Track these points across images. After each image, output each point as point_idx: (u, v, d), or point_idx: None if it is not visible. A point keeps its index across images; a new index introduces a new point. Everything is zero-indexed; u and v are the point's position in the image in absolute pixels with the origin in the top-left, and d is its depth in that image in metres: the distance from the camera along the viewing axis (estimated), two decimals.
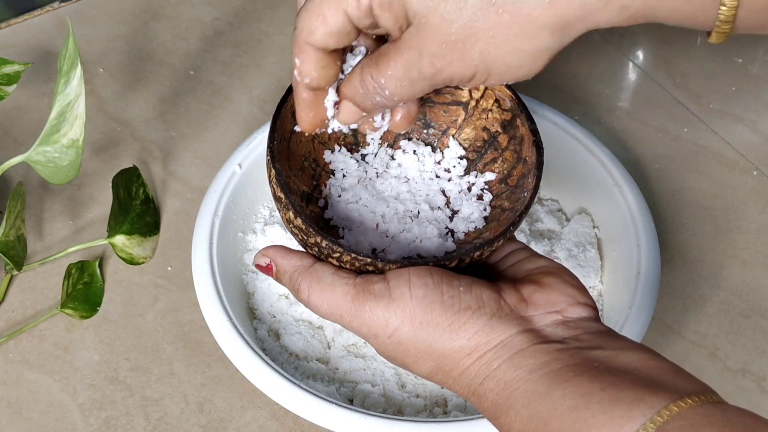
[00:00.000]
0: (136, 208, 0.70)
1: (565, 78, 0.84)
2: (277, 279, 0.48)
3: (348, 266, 0.46)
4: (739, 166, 0.78)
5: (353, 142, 0.54)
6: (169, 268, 0.69)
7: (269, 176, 0.48)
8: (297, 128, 0.50)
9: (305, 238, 0.47)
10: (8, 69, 0.70)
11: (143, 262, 0.69)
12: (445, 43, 0.42)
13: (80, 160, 0.58)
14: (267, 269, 0.48)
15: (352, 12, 0.44)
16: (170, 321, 0.67)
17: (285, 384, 0.56)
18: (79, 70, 0.56)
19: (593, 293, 0.67)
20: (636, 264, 0.63)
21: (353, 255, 0.45)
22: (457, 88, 0.52)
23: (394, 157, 0.54)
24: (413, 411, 0.60)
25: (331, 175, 0.53)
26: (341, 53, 0.47)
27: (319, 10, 0.44)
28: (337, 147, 0.53)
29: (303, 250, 0.48)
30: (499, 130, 0.52)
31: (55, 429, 0.61)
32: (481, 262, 0.48)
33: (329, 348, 0.63)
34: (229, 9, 0.88)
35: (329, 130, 0.50)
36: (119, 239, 0.68)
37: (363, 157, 0.54)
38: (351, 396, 0.61)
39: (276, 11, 0.88)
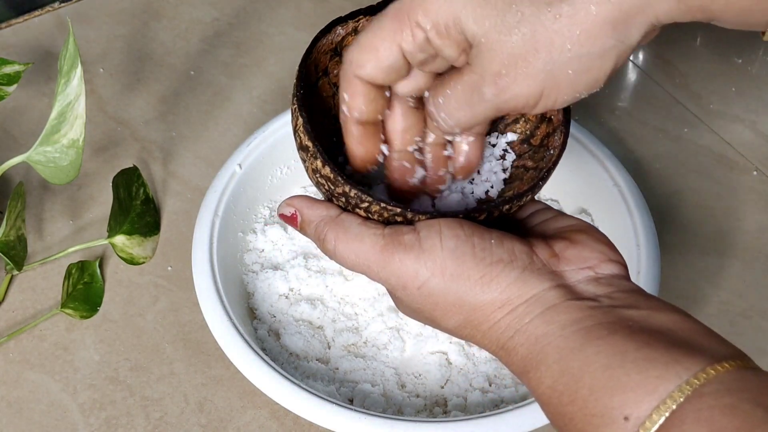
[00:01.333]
0: (136, 208, 0.70)
1: None
2: (302, 230, 0.47)
3: (376, 217, 0.45)
4: (739, 166, 0.78)
5: None
6: (169, 268, 0.69)
7: (295, 126, 0.46)
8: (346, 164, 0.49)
9: (332, 187, 0.45)
10: (8, 69, 0.70)
11: (143, 262, 0.69)
12: (507, 59, 0.42)
13: (80, 160, 0.58)
14: (291, 219, 0.47)
15: (407, 46, 0.44)
16: (170, 321, 0.67)
17: (285, 384, 0.56)
18: (79, 70, 0.56)
19: None
20: (636, 264, 0.63)
21: (382, 205, 0.44)
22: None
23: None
24: (413, 411, 0.60)
25: None
26: (388, 87, 0.47)
27: (372, 43, 0.44)
28: None
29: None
30: None
31: (55, 429, 0.61)
32: (509, 218, 0.47)
33: (329, 348, 0.63)
34: (229, 9, 0.88)
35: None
36: (119, 239, 0.68)
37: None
38: (351, 396, 0.61)
39: (276, 11, 0.89)
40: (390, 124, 0.49)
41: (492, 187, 0.51)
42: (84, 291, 0.67)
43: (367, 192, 0.44)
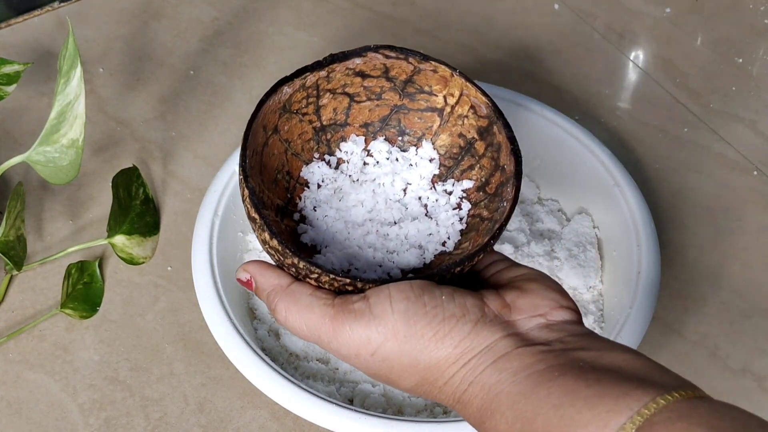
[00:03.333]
0: (136, 208, 0.70)
1: (565, 78, 0.84)
2: (257, 296, 0.48)
3: (327, 286, 0.45)
4: (739, 166, 0.78)
5: (327, 151, 0.53)
6: (169, 268, 0.69)
7: (242, 196, 0.47)
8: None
9: (282, 258, 0.46)
10: (8, 69, 0.69)
11: (143, 262, 0.69)
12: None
13: (80, 160, 0.58)
14: (247, 284, 0.48)
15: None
16: (170, 321, 0.67)
17: (285, 384, 0.56)
18: (79, 70, 0.56)
19: (593, 293, 0.67)
20: (636, 264, 0.63)
21: (332, 276, 0.44)
22: (431, 93, 0.52)
23: (367, 162, 0.52)
24: (413, 411, 0.60)
25: (306, 188, 0.52)
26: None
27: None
28: (314, 157, 0.52)
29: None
30: (476, 136, 0.51)
31: (55, 429, 0.61)
32: (462, 275, 0.47)
33: None
34: (229, 9, 0.88)
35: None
36: (119, 239, 0.68)
37: (337, 163, 0.52)
38: (351, 396, 0.61)
39: (276, 11, 0.88)
40: None
41: (449, 237, 0.50)
42: (84, 291, 0.67)
43: (315, 263, 0.45)
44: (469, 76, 0.52)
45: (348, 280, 0.44)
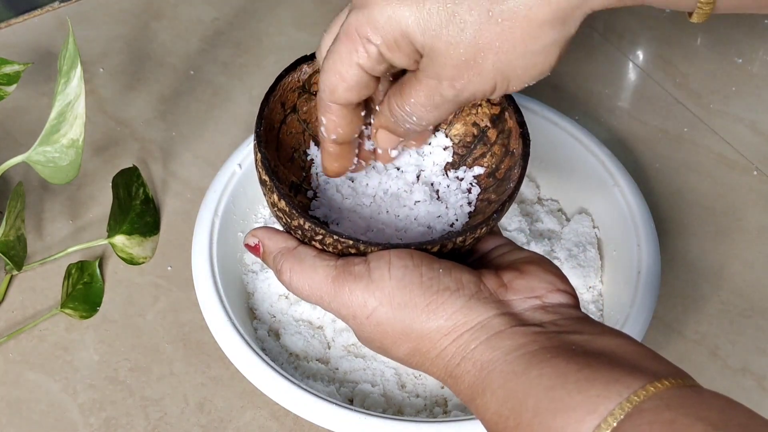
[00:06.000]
0: (136, 208, 0.70)
1: (565, 78, 0.84)
2: (264, 259, 0.49)
3: (331, 249, 0.46)
4: (739, 166, 0.78)
5: None
6: (169, 268, 0.69)
7: (255, 160, 0.48)
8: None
9: (289, 221, 0.47)
10: (8, 69, 0.70)
11: (143, 262, 0.69)
12: (459, 65, 0.44)
13: (80, 160, 0.58)
14: (255, 249, 0.49)
15: (364, 63, 0.45)
16: (170, 321, 0.67)
17: (285, 384, 0.56)
18: (79, 70, 0.56)
19: (593, 293, 0.67)
20: (636, 264, 0.63)
21: (335, 237, 0.45)
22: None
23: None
24: (413, 411, 0.60)
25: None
26: (364, 105, 0.49)
27: (335, 68, 0.46)
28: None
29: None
30: (489, 124, 0.52)
31: (55, 429, 0.61)
32: (465, 251, 0.48)
33: (329, 348, 0.63)
34: (229, 9, 0.88)
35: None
36: (119, 239, 0.68)
37: None
38: (351, 396, 0.61)
39: (276, 11, 0.88)
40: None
41: (457, 219, 0.51)
42: (84, 291, 0.67)
43: (321, 225, 0.46)
44: None
45: (351, 242, 0.45)
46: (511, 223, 0.70)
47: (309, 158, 0.53)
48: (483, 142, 0.53)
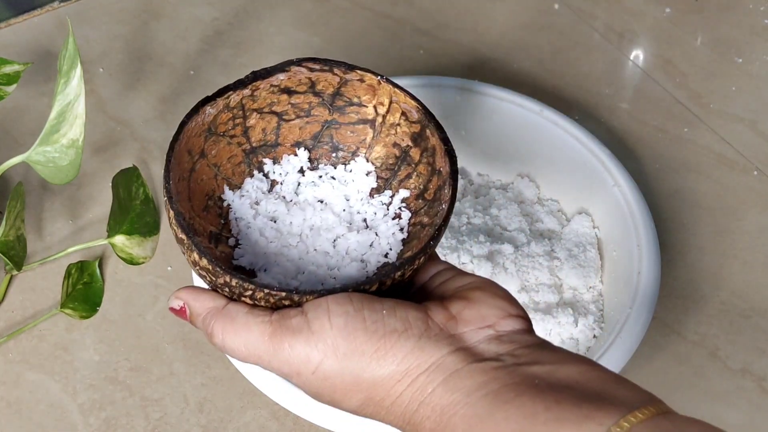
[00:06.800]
0: (136, 208, 0.70)
1: (565, 78, 0.84)
2: (192, 323, 0.45)
3: (263, 303, 0.43)
4: (739, 166, 0.78)
5: (258, 174, 0.50)
6: (169, 268, 0.69)
7: (168, 218, 0.45)
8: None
9: (214, 279, 0.44)
10: (8, 69, 0.69)
11: (143, 262, 0.69)
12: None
13: (80, 160, 0.58)
14: (181, 312, 0.45)
15: None
16: (170, 321, 0.67)
17: (285, 384, 0.56)
18: (79, 70, 0.56)
19: (593, 293, 0.67)
20: (636, 264, 0.63)
21: (266, 291, 0.42)
22: (361, 105, 0.50)
23: (301, 182, 0.51)
24: None
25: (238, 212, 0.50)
26: None
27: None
28: (245, 180, 0.50)
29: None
30: (410, 143, 0.50)
31: (55, 429, 0.61)
32: (405, 283, 0.46)
33: None
34: (229, 9, 0.88)
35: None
36: (119, 239, 0.68)
37: (271, 186, 0.51)
38: None
39: (276, 11, 0.88)
40: None
41: (391, 249, 0.49)
42: (83, 291, 0.67)
43: (249, 279, 0.43)
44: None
45: (284, 294, 0.42)
46: (511, 223, 0.70)
47: (225, 204, 0.49)
48: (407, 162, 0.50)
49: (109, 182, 0.69)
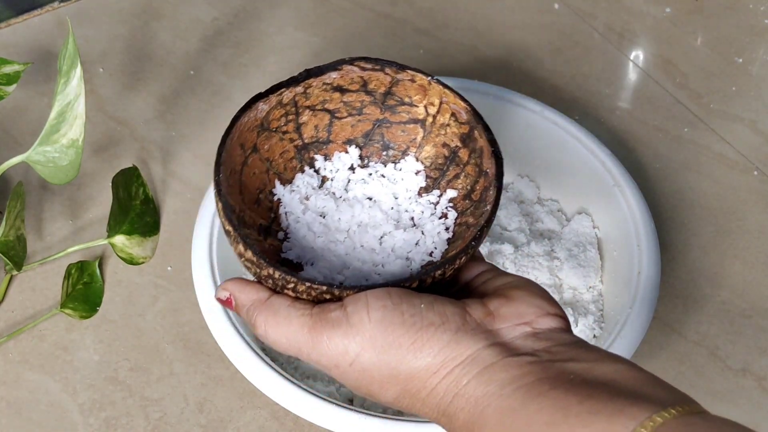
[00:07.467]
0: (136, 208, 0.70)
1: (565, 78, 0.84)
2: (237, 313, 0.47)
3: (305, 296, 0.44)
4: (739, 166, 0.78)
5: (310, 170, 0.52)
6: (169, 268, 0.69)
7: (217, 209, 0.46)
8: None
9: (258, 270, 0.45)
10: (8, 69, 0.69)
11: (143, 262, 0.69)
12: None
13: (80, 160, 0.58)
14: (227, 303, 0.47)
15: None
16: (170, 321, 0.67)
17: (285, 384, 0.56)
18: (79, 70, 0.56)
19: (593, 293, 0.67)
20: (636, 264, 0.63)
21: (308, 284, 0.43)
22: (412, 104, 0.51)
23: (351, 179, 0.51)
24: None
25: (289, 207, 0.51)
26: None
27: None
28: (297, 176, 0.51)
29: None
30: (459, 144, 0.50)
31: (55, 429, 0.61)
32: (447, 282, 0.46)
33: None
34: (229, 9, 0.88)
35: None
36: (119, 239, 0.68)
37: (322, 181, 0.51)
38: (351, 396, 0.61)
39: (276, 11, 0.88)
40: None
41: (436, 247, 0.49)
42: (83, 291, 0.67)
43: (291, 273, 0.44)
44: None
45: (324, 288, 0.43)
46: (511, 223, 0.70)
47: (276, 198, 0.50)
48: (455, 162, 0.51)
49: (109, 182, 0.69)
